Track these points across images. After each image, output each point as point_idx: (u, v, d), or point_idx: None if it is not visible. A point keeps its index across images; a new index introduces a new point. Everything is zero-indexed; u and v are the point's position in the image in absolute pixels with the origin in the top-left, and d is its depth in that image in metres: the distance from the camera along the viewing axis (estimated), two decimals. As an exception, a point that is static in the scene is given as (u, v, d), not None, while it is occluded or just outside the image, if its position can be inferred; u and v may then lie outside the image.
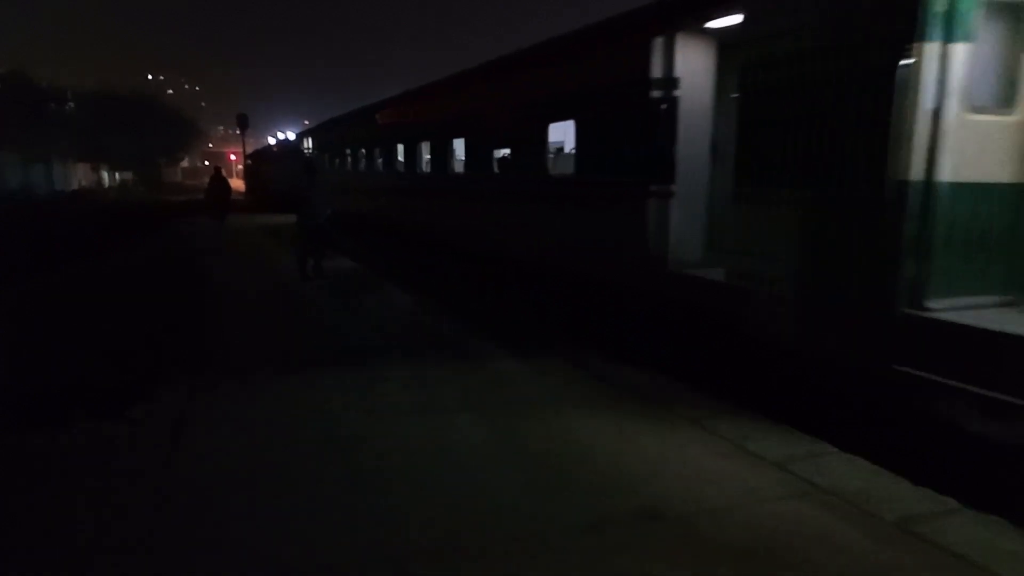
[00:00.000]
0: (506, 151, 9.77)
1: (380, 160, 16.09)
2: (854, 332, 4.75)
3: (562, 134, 10.47)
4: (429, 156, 12.99)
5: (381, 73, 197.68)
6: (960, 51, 4.19)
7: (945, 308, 4.33)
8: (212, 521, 3.53)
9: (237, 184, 63.13)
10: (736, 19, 5.82)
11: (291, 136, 52.95)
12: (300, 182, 11.67)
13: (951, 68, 4.20)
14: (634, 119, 6.77)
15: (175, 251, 16.12)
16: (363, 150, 17.60)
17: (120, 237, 16.42)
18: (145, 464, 4.20)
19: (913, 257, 4.36)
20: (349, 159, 19.06)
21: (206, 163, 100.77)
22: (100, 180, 67.57)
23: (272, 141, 60.66)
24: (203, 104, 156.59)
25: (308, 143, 24.72)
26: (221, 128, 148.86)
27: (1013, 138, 4.53)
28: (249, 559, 3.18)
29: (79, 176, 60.57)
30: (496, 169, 10.20)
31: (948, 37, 4.17)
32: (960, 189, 4.35)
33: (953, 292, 4.40)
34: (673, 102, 6.38)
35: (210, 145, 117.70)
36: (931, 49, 4.17)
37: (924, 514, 3.57)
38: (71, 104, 62.38)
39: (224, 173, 22.26)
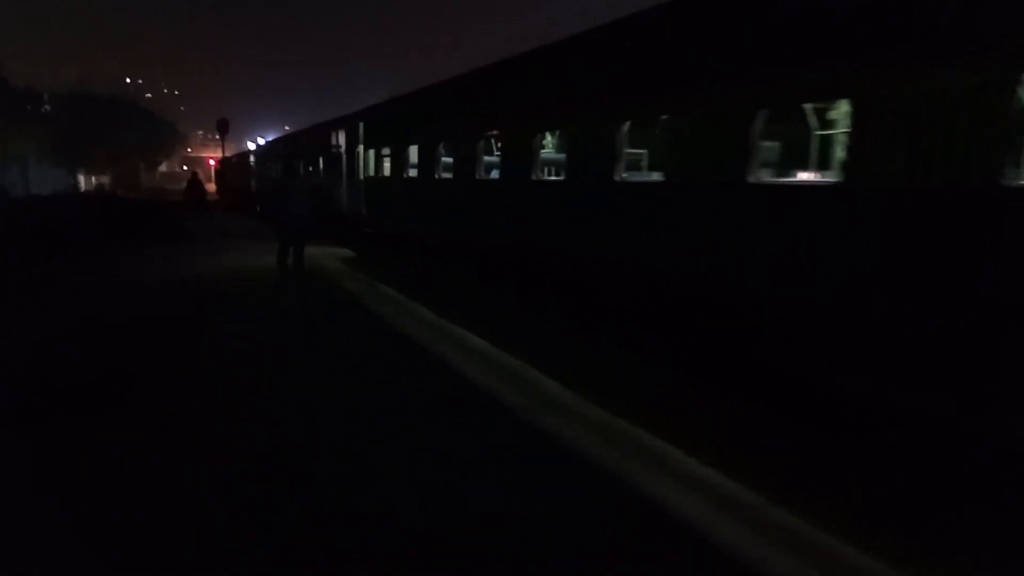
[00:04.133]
0: (314, 165, 22.80)
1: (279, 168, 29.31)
2: (366, 221, 17.48)
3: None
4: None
5: (364, 78, 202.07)
6: (361, 150, 17.07)
7: (370, 213, 17.09)
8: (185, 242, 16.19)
9: (212, 187, 71.31)
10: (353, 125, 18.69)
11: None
12: (278, 183, 12.05)
13: (364, 153, 17.00)
14: (333, 158, 19.61)
15: (178, 223, 28.74)
16: (272, 163, 30.59)
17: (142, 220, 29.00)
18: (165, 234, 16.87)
19: (367, 199, 17.13)
20: (268, 167, 32.10)
21: (184, 167, 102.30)
22: (76, 184, 64.14)
23: (252, 146, 59.93)
24: (182, 108, 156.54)
25: (252, 158, 37.59)
26: (201, 132, 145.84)
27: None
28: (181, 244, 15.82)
29: (53, 180, 55.18)
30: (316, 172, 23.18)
31: (363, 144, 16.98)
32: (371, 180, 17.13)
33: (370, 210, 17.14)
34: (340, 153, 19.16)
35: (189, 150, 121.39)
36: (359, 148, 17.00)
37: (347, 257, 16.23)
38: (47, 107, 62.08)
39: (200, 177, 34.32)
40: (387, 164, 15.60)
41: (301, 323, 8.44)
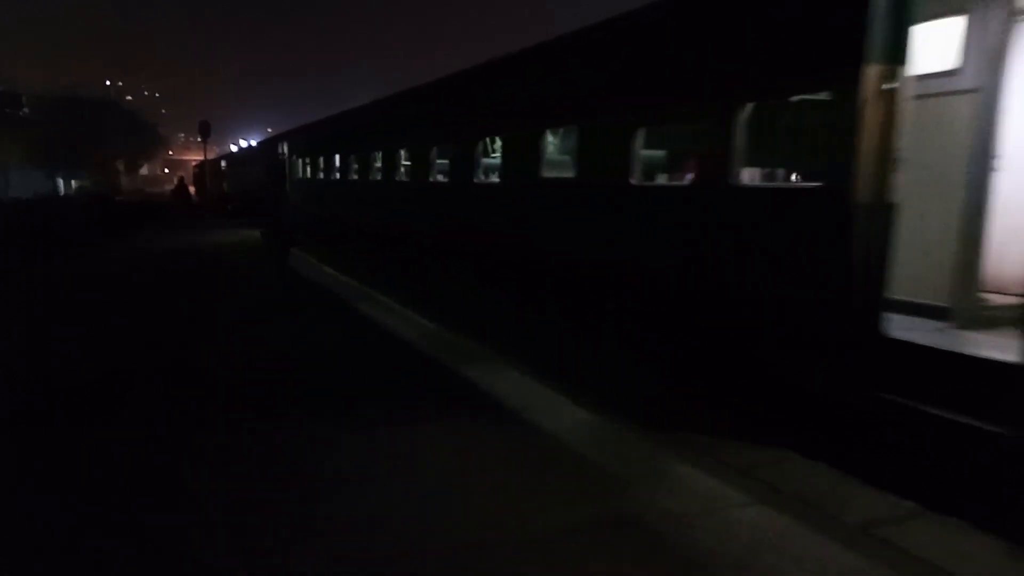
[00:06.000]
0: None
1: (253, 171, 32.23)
2: (316, 214, 21.82)
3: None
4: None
5: (365, 77, 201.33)
6: (297, 160, 23.26)
7: (301, 204, 22.46)
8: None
9: (192, 189, 71.49)
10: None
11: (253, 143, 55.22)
12: (273, 185, 13.19)
13: (294, 160, 22.93)
14: (280, 163, 25.23)
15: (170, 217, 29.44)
16: (241, 168, 34.94)
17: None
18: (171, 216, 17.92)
19: (299, 195, 23.03)
20: (242, 171, 36.29)
21: (166, 171, 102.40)
22: (56, 187, 62.50)
23: (234, 148, 60.13)
24: (163, 111, 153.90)
25: (223, 163, 39.41)
26: (182, 135, 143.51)
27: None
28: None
29: (35, 184, 54.25)
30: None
31: (296, 155, 22.82)
32: (297, 182, 23.29)
33: (301, 202, 22.99)
34: (283, 161, 25.20)
35: (170, 153, 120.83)
36: (293, 157, 23.45)
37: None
38: (26, 109, 61.62)
39: (185, 182, 35.25)
40: (308, 169, 21.64)
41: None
